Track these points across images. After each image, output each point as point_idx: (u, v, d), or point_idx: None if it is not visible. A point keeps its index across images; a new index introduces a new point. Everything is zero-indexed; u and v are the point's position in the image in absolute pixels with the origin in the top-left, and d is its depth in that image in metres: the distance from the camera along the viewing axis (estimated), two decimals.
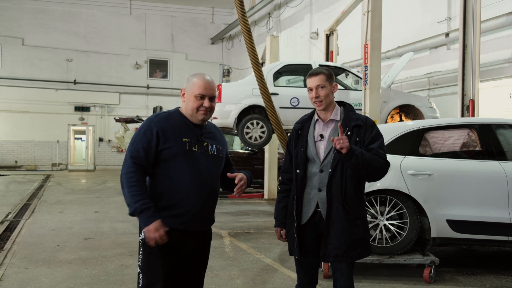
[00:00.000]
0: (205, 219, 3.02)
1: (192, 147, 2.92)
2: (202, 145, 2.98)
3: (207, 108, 2.96)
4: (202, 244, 3.04)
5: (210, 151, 3.01)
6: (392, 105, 10.18)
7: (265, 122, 9.89)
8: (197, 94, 2.94)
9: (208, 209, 3.03)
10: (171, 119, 2.97)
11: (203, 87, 2.95)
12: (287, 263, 6.35)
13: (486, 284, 5.45)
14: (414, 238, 5.61)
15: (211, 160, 3.00)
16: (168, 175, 2.88)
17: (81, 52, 26.10)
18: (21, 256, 6.62)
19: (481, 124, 5.89)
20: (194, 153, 2.92)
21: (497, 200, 5.53)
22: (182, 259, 2.94)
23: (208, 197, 2.98)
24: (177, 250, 2.89)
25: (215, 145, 3.06)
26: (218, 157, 3.07)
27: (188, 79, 3.03)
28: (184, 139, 2.90)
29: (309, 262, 3.35)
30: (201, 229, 3.00)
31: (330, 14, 17.18)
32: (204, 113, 2.96)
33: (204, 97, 2.95)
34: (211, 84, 3.00)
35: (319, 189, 3.22)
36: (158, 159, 2.89)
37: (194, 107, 2.95)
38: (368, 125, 3.23)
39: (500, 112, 10.42)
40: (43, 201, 12.58)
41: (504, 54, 10.88)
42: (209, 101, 2.96)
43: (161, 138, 2.86)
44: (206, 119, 3.01)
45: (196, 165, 2.91)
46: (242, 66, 25.51)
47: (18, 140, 24.86)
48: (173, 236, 2.83)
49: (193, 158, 2.91)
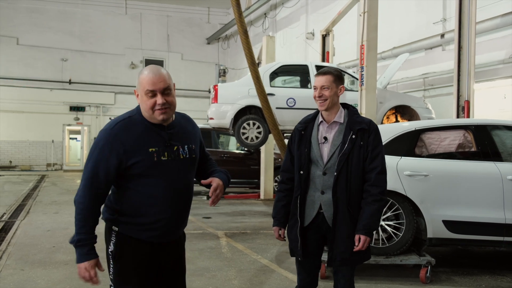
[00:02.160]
0: (178, 229, 2.80)
1: (161, 157, 2.59)
2: (172, 151, 2.63)
3: (163, 104, 2.54)
4: (176, 252, 2.81)
5: (182, 155, 2.68)
6: (388, 105, 10.21)
7: (262, 122, 9.89)
8: (146, 91, 2.53)
9: (182, 219, 2.78)
10: (131, 126, 2.58)
11: (151, 82, 2.53)
12: (284, 264, 6.35)
13: (481, 284, 5.48)
14: (410, 238, 5.63)
15: (183, 165, 2.69)
16: (139, 190, 2.60)
17: (76, 51, 26.02)
18: (16, 257, 6.59)
19: (476, 125, 5.92)
20: (164, 162, 2.60)
21: (492, 200, 5.56)
22: (156, 270, 2.73)
23: (183, 207, 2.74)
24: (151, 262, 2.68)
25: (187, 145, 2.71)
26: (192, 158, 2.74)
27: (137, 78, 2.62)
28: (150, 149, 2.56)
29: (311, 264, 3.36)
30: (174, 238, 2.77)
31: (326, 14, 17.20)
32: (162, 111, 2.55)
33: (155, 93, 2.53)
34: (161, 76, 2.55)
35: (322, 192, 3.22)
36: (126, 175, 2.58)
37: (148, 107, 2.55)
38: (372, 129, 3.24)
39: (495, 113, 10.47)
40: (38, 201, 12.54)
41: (499, 55, 10.94)
42: (163, 96, 2.54)
43: (123, 155, 2.52)
44: (167, 117, 2.60)
45: (167, 175, 2.61)
46: (238, 66, 25.49)
47: (13, 140, 24.75)
48: (146, 249, 2.65)
49: (163, 168, 2.60)
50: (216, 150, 14.05)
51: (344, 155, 3.17)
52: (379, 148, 3.22)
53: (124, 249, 2.63)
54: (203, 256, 6.73)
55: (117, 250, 2.65)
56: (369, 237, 3.15)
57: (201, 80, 27.27)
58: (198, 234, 8.32)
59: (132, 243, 2.64)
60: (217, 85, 10.47)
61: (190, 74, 27.80)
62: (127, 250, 2.63)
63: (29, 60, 25.07)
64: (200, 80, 27.29)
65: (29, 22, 25.29)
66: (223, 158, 13.93)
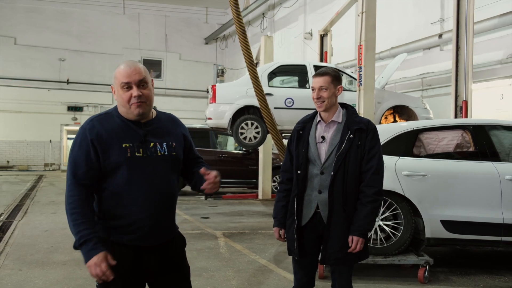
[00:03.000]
0: (161, 231, 2.62)
1: (135, 153, 2.49)
2: (148, 147, 2.53)
3: (138, 96, 2.47)
4: (167, 257, 2.64)
5: (160, 152, 2.57)
6: (386, 105, 10.22)
7: (260, 122, 9.90)
8: (121, 84, 2.49)
9: (164, 220, 2.62)
10: (107, 122, 2.54)
11: (126, 74, 2.48)
12: (282, 264, 6.35)
13: (479, 284, 5.49)
14: (408, 238, 5.63)
15: (161, 163, 2.57)
16: (113, 189, 2.50)
17: (74, 51, 26.00)
18: (14, 258, 6.58)
19: (474, 125, 5.93)
20: (138, 159, 2.50)
21: (490, 200, 5.57)
22: (142, 277, 2.59)
23: (162, 207, 2.59)
24: (134, 268, 2.55)
25: (166, 142, 2.60)
26: (171, 156, 2.61)
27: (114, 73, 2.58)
28: (124, 144, 2.48)
29: (308, 263, 3.36)
30: (158, 242, 2.60)
31: (324, 14, 17.21)
32: (138, 104, 2.48)
33: (130, 85, 2.48)
34: (136, 68, 2.51)
35: (319, 191, 3.23)
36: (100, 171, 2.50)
37: (125, 101, 2.49)
38: (370, 129, 3.24)
39: (493, 113, 10.49)
40: (36, 201, 12.52)
41: (496, 55, 10.96)
42: (138, 88, 2.48)
43: (98, 147, 2.46)
44: (143, 112, 2.52)
45: (143, 173, 2.50)
46: (236, 66, 25.50)
47: (10, 140, 24.71)
48: (128, 252, 2.52)
49: (138, 165, 2.50)
50: (214, 150, 14.06)
51: (342, 154, 3.17)
52: (376, 149, 3.22)
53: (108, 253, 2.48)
54: (201, 256, 6.72)
55: None
56: (362, 238, 3.15)
57: (199, 80, 27.26)
58: (196, 234, 8.32)
59: (115, 248, 2.51)
60: (215, 85, 10.48)
61: (188, 74, 27.81)
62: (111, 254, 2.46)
63: (27, 60, 25.04)
64: (198, 80, 27.28)
65: (27, 21, 25.25)
66: (221, 158, 13.93)
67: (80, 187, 2.48)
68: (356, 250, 3.14)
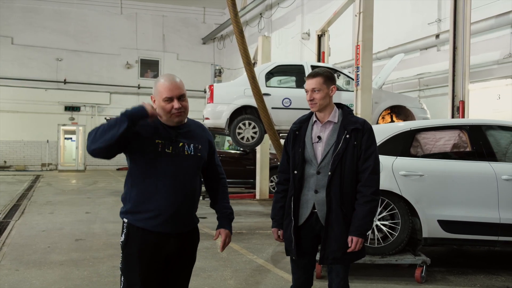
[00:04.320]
0: (183, 221, 2.94)
1: (166, 149, 2.86)
2: (177, 146, 2.90)
3: (179, 109, 2.85)
4: (183, 246, 2.96)
5: (187, 151, 2.93)
6: (383, 106, 10.23)
7: (257, 122, 9.89)
8: (164, 97, 2.84)
9: (186, 211, 2.94)
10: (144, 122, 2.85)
11: (168, 89, 2.85)
12: (279, 264, 6.36)
13: (476, 284, 5.50)
14: (405, 238, 5.65)
15: (187, 161, 2.92)
16: (143, 177, 2.85)
17: (71, 51, 25.97)
18: (11, 258, 6.57)
19: (471, 125, 5.94)
20: (168, 154, 2.86)
21: (487, 200, 5.59)
22: (161, 261, 2.90)
23: (185, 199, 2.90)
24: (155, 253, 2.86)
25: (193, 144, 2.96)
26: (196, 156, 2.98)
27: (154, 85, 2.94)
28: (157, 140, 2.85)
29: (305, 263, 3.37)
30: (179, 231, 2.92)
31: (321, 15, 17.22)
32: (178, 114, 2.87)
33: (172, 99, 2.85)
34: (177, 84, 2.89)
35: (316, 191, 3.24)
36: (133, 158, 2.88)
37: (166, 111, 2.86)
38: (366, 129, 3.25)
39: (490, 113, 10.51)
40: (33, 201, 12.50)
41: (493, 55, 10.98)
42: (179, 101, 2.86)
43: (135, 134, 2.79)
44: (181, 120, 2.92)
45: (170, 167, 2.85)
46: (234, 66, 25.51)
47: (7, 140, 24.68)
48: (150, 238, 2.83)
49: (167, 160, 2.85)
50: None
51: (338, 154, 3.18)
52: (372, 148, 3.23)
53: (131, 238, 2.86)
54: (198, 256, 6.61)
55: (125, 239, 2.88)
56: (362, 238, 3.17)
57: (196, 80, 27.25)
58: None
59: (138, 233, 2.85)
60: (213, 85, 10.47)
61: (186, 74, 27.74)
62: (132, 239, 2.85)
63: (24, 60, 25.02)
64: (196, 80, 27.26)
65: (24, 21, 25.22)
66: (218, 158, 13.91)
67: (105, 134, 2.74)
68: (356, 249, 3.16)
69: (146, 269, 2.84)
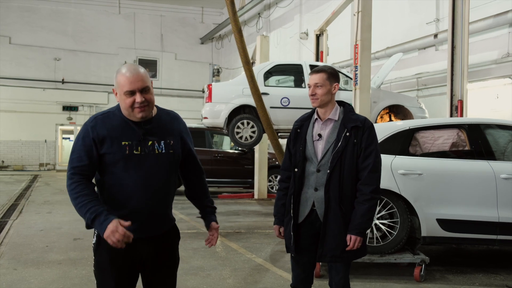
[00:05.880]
0: (156, 224, 2.76)
1: (134, 150, 2.63)
2: (146, 145, 2.67)
3: (141, 102, 2.59)
4: (159, 248, 2.79)
5: (157, 150, 2.69)
6: (382, 105, 10.24)
7: (256, 122, 9.89)
8: (125, 91, 2.59)
9: (159, 214, 2.77)
10: (109, 120, 2.68)
11: (129, 81, 2.57)
12: (278, 263, 6.36)
13: (475, 283, 5.50)
14: (404, 237, 5.64)
15: (159, 160, 2.70)
16: (111, 182, 2.66)
17: (69, 51, 25.92)
18: (9, 257, 6.56)
19: (470, 124, 5.94)
20: (137, 156, 2.64)
21: (486, 199, 5.59)
22: (135, 266, 2.74)
23: (158, 202, 2.73)
24: (128, 258, 2.68)
25: (164, 141, 2.72)
26: (169, 154, 2.74)
27: (115, 76, 2.67)
28: (123, 142, 2.62)
29: (305, 260, 3.37)
30: (153, 234, 2.75)
31: (319, 14, 17.23)
32: (141, 110, 2.61)
33: (134, 93, 2.58)
34: (139, 75, 2.60)
35: (316, 189, 3.24)
36: (100, 165, 2.66)
37: (127, 105, 2.61)
38: (366, 127, 3.24)
39: (488, 112, 10.53)
40: (31, 201, 12.48)
41: (491, 55, 11.00)
42: (142, 94, 2.59)
43: (98, 144, 2.61)
44: (146, 115, 2.65)
45: (140, 169, 2.64)
46: (232, 66, 25.49)
47: (5, 140, 24.61)
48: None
49: (136, 162, 2.64)
50: (210, 150, 14.04)
51: (338, 152, 3.18)
52: (372, 146, 3.22)
53: (102, 241, 2.59)
54: (197, 255, 6.72)
55: (96, 242, 2.71)
56: (360, 237, 3.16)
57: (195, 80, 27.25)
58: (192, 233, 8.32)
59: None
60: (211, 84, 10.46)
61: (184, 74, 27.79)
62: (104, 244, 2.60)
63: (21, 60, 24.95)
64: (194, 80, 27.27)
65: (22, 21, 25.16)
66: (217, 158, 13.92)
67: (80, 176, 2.60)
68: (354, 248, 3.15)
69: (118, 274, 2.69)
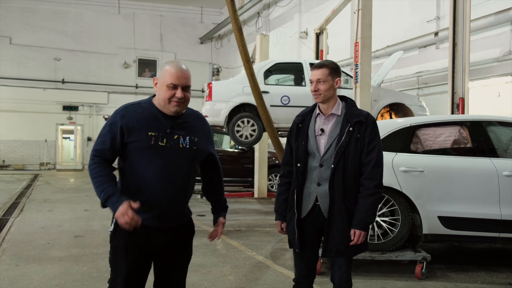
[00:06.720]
0: (174, 215, 2.85)
1: (159, 142, 2.74)
2: (172, 138, 2.77)
3: (180, 99, 2.74)
4: (174, 240, 2.87)
5: (182, 144, 2.80)
6: (382, 103, 10.23)
7: (256, 120, 9.88)
8: (169, 83, 2.72)
9: (177, 205, 2.86)
10: (139, 110, 2.80)
11: (176, 76, 2.72)
12: (279, 260, 6.35)
13: (477, 280, 5.49)
14: (405, 234, 5.63)
15: (182, 154, 2.80)
16: (134, 170, 2.75)
17: (69, 51, 25.90)
18: (11, 253, 6.56)
19: (472, 121, 5.93)
20: (161, 147, 2.74)
21: (488, 196, 5.57)
22: (150, 254, 2.83)
23: (177, 193, 2.82)
24: (143, 246, 2.78)
25: (189, 137, 2.83)
26: (192, 150, 2.84)
27: (161, 67, 2.82)
28: (150, 133, 2.73)
29: (308, 256, 3.36)
30: (169, 225, 2.83)
31: (319, 13, 17.20)
32: (177, 104, 2.74)
33: (176, 87, 2.73)
34: (185, 73, 2.77)
35: (318, 184, 3.23)
36: (125, 152, 2.77)
37: (166, 97, 2.74)
38: (369, 122, 3.24)
39: (489, 111, 10.50)
40: (32, 199, 12.48)
41: (493, 53, 10.97)
42: (182, 91, 2.74)
43: (125, 132, 2.72)
44: (179, 110, 2.79)
45: (163, 160, 2.74)
46: (232, 66, 25.48)
47: (6, 140, 24.61)
48: (138, 232, 2.71)
49: (160, 153, 2.73)
50: None
51: (341, 147, 3.17)
52: (375, 141, 3.22)
53: (119, 230, 2.73)
54: (198, 252, 6.70)
55: (113, 230, 2.82)
56: (365, 231, 3.16)
57: (194, 79, 26.29)
58: None
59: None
60: (211, 83, 10.45)
61: None
62: (120, 231, 2.72)
63: (22, 60, 24.95)
64: (194, 79, 26.17)
65: (22, 21, 25.16)
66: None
67: (101, 158, 2.74)
68: (358, 242, 3.15)
69: (132, 262, 2.77)
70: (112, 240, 2.84)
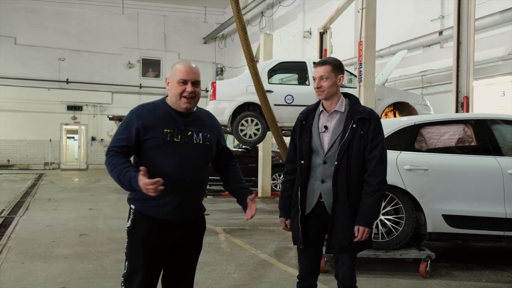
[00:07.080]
0: (189, 210, 2.96)
1: (174, 138, 2.85)
2: (186, 135, 2.90)
3: (190, 93, 2.86)
4: (189, 234, 2.97)
5: (195, 140, 2.92)
6: (386, 102, 10.22)
7: (260, 119, 9.88)
8: (179, 79, 2.86)
9: (193, 200, 2.98)
10: (154, 110, 2.92)
11: (185, 72, 2.87)
12: (283, 258, 6.36)
13: (482, 279, 5.48)
14: (410, 233, 5.63)
15: (196, 150, 2.92)
16: (151, 165, 2.80)
17: (73, 51, 25.98)
18: (16, 251, 6.59)
19: (476, 119, 5.91)
20: (176, 143, 2.86)
21: (492, 195, 5.55)
22: (166, 249, 2.91)
23: (192, 188, 2.93)
24: (160, 240, 2.87)
25: (202, 133, 2.96)
26: (205, 145, 2.97)
27: (172, 67, 2.97)
28: (165, 130, 2.85)
29: (312, 253, 3.37)
30: (185, 219, 2.94)
31: (322, 13, 17.19)
32: (188, 100, 2.87)
33: (186, 82, 2.86)
34: (194, 69, 2.91)
35: (322, 180, 3.23)
36: (142, 150, 2.87)
37: (177, 93, 2.87)
38: (373, 118, 3.24)
39: (494, 110, 10.47)
40: (36, 198, 12.53)
41: (497, 52, 10.95)
42: (192, 86, 2.87)
43: (141, 131, 2.84)
44: (190, 107, 2.91)
45: (178, 155, 2.85)
46: (235, 65, 25.50)
47: (11, 139, 24.71)
48: (156, 226, 2.85)
49: (176, 148, 2.85)
50: None
51: (345, 144, 3.17)
52: (379, 138, 3.22)
53: (136, 224, 2.88)
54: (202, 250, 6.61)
55: (131, 225, 2.91)
56: (368, 228, 3.16)
57: None
58: None
59: (145, 220, 2.87)
60: (215, 82, 10.45)
61: None
62: (138, 226, 2.87)
63: (26, 60, 25.05)
64: None
65: (26, 22, 25.25)
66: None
67: (116, 152, 2.84)
68: (362, 239, 3.15)
69: (149, 257, 2.85)
70: (130, 235, 2.92)
